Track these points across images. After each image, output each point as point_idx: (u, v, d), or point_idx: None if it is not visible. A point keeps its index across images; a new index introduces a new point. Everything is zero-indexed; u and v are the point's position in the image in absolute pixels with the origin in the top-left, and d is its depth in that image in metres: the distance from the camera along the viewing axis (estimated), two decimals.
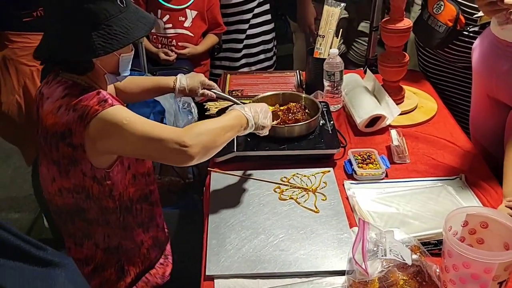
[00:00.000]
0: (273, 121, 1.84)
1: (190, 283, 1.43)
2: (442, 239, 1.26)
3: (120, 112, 1.34)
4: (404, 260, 1.19)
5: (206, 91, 1.86)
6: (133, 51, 1.48)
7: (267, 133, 1.63)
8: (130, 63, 1.49)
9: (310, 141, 1.83)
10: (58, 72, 1.42)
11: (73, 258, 1.52)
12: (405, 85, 2.23)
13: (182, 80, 1.83)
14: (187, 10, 2.68)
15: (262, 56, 3.03)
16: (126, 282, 1.55)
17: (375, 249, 1.23)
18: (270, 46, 3.05)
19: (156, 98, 2.17)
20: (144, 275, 1.60)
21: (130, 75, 1.53)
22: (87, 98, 1.34)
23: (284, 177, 1.73)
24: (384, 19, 2.03)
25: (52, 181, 1.43)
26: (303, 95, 2.00)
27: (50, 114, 1.36)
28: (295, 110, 1.90)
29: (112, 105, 1.34)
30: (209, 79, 1.91)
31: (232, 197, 1.65)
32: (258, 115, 1.56)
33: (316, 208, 1.59)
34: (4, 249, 0.71)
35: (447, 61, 2.24)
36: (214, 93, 1.86)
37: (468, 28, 2.07)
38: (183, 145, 1.34)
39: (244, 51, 2.97)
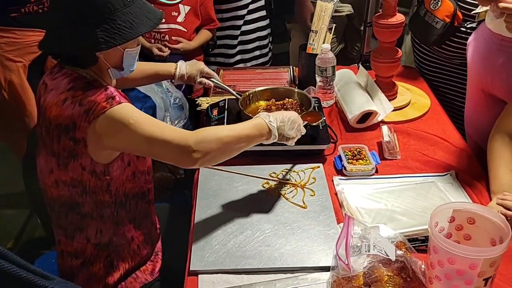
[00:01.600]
0: None
1: (178, 279, 1.42)
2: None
3: (127, 111, 1.33)
4: (388, 256, 1.18)
5: (204, 80, 1.87)
6: (139, 46, 1.47)
7: (293, 144, 1.57)
8: (136, 58, 1.48)
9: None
10: (63, 64, 1.42)
11: (62, 251, 1.52)
12: (399, 81, 2.21)
13: (182, 67, 1.86)
14: (180, 5, 2.66)
15: (257, 53, 3.01)
16: (115, 277, 1.53)
17: (359, 244, 1.21)
18: (265, 42, 3.03)
19: (147, 93, 2.16)
20: (134, 272, 1.58)
21: None
22: (94, 93, 1.33)
23: (273, 173, 1.71)
24: (376, 14, 2.01)
25: (49, 173, 1.42)
26: (296, 90, 1.99)
27: (54, 106, 1.35)
28: (289, 106, 1.88)
29: (119, 103, 1.33)
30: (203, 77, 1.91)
31: (219, 192, 1.63)
32: (285, 125, 1.50)
33: (304, 203, 1.57)
34: (4, 280, 0.66)
35: (443, 58, 2.22)
36: (212, 81, 1.85)
37: (466, 24, 2.06)
38: (188, 149, 1.33)
39: (239, 47, 2.95)
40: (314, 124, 1.70)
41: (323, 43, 2.16)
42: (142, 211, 1.55)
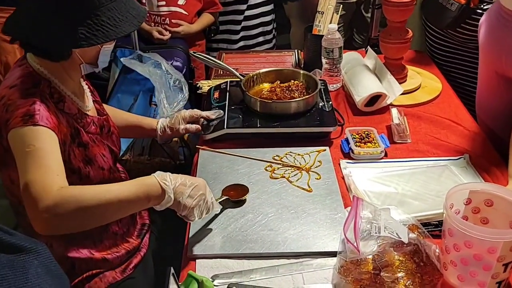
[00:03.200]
0: (269, 98, 1.74)
1: (173, 265, 1.32)
2: (443, 220, 1.16)
3: (32, 137, 1.16)
4: (400, 238, 1.09)
5: (189, 126, 1.70)
6: (114, 42, 1.35)
7: (193, 220, 1.27)
8: (109, 55, 1.38)
9: (306, 119, 1.72)
10: (28, 51, 1.30)
11: None
12: (409, 65, 2.12)
13: (164, 122, 1.70)
14: None
15: (261, 39, 2.93)
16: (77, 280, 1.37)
17: (368, 226, 1.12)
18: (269, 28, 2.94)
19: (146, 75, 2.08)
20: (98, 275, 1.40)
21: (122, 52, 1.40)
22: (23, 103, 1.20)
23: (277, 156, 1.62)
24: None
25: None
26: (302, 71, 1.91)
27: None
28: (293, 88, 1.80)
29: (34, 124, 1.17)
30: None
31: (220, 175, 1.55)
32: (185, 189, 1.23)
33: (309, 187, 1.49)
34: None
35: (457, 42, 2.13)
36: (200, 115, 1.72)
37: (482, 6, 1.96)
38: (39, 197, 1.10)
39: (242, 33, 2.87)
40: (235, 200, 1.43)
41: (330, 23, 2.07)
42: (97, 228, 1.30)
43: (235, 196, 1.43)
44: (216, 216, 1.38)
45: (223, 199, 1.40)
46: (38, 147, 1.16)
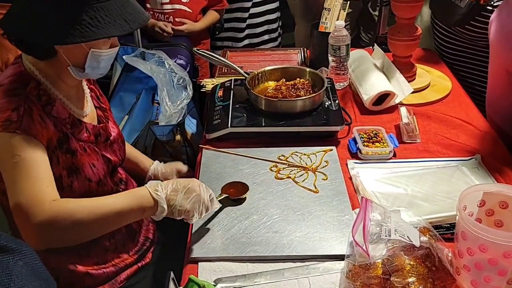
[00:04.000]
0: (274, 96, 1.70)
1: (173, 268, 1.28)
2: (455, 223, 1.11)
3: (14, 146, 1.13)
4: (411, 241, 1.04)
5: None
6: (114, 49, 1.28)
7: (193, 221, 1.24)
8: (106, 62, 1.28)
9: (312, 118, 1.68)
10: (21, 50, 1.26)
11: None
12: (417, 63, 2.07)
13: (158, 166, 1.67)
14: None
15: (266, 37, 2.89)
16: None
17: (378, 229, 1.08)
18: (274, 26, 2.90)
19: (149, 74, 2.04)
20: None
21: (124, 49, 1.33)
22: (6, 106, 1.15)
23: (282, 155, 1.58)
24: None
25: None
26: (308, 69, 1.86)
27: None
28: (299, 87, 1.75)
29: (15, 131, 1.13)
30: None
31: (223, 175, 1.50)
32: (177, 195, 1.20)
33: (316, 188, 1.44)
34: None
35: (466, 40, 2.08)
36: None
37: (493, 3, 1.91)
38: (31, 212, 1.08)
39: (247, 31, 2.83)
40: (235, 198, 1.39)
41: (337, 20, 2.02)
42: (85, 243, 1.25)
43: (234, 194, 1.40)
44: (216, 213, 1.34)
45: (222, 197, 1.36)
46: (24, 157, 1.13)
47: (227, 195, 1.38)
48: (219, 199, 1.33)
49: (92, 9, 1.15)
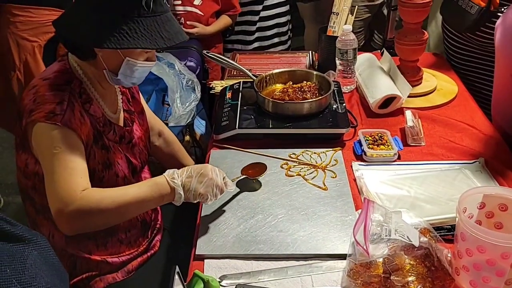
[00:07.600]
0: (281, 99, 1.73)
1: (181, 264, 1.32)
2: (455, 224, 1.13)
3: (56, 138, 1.23)
4: (411, 241, 1.07)
5: None
6: (150, 63, 1.36)
7: (209, 203, 1.34)
8: (140, 73, 1.36)
9: (318, 120, 1.71)
10: (67, 49, 1.36)
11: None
12: (425, 68, 2.09)
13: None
14: None
15: (276, 40, 2.91)
16: (76, 278, 1.40)
17: (379, 229, 1.11)
18: (284, 29, 2.92)
19: (159, 75, 2.07)
20: (99, 276, 1.42)
21: None
22: (52, 98, 1.26)
23: (293, 154, 1.61)
24: None
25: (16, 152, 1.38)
26: (315, 72, 1.89)
27: (27, 86, 1.31)
28: (306, 89, 1.79)
29: (58, 124, 1.22)
30: None
31: (231, 175, 1.53)
32: (191, 180, 1.28)
33: (325, 185, 1.48)
34: None
35: (476, 46, 2.10)
36: None
37: (503, 9, 1.92)
38: (65, 201, 1.19)
39: (257, 34, 2.85)
40: (254, 178, 1.49)
41: (345, 24, 2.05)
42: (103, 232, 1.39)
43: (253, 174, 1.48)
44: (233, 197, 1.42)
45: (241, 177, 1.45)
46: (64, 150, 1.23)
47: (246, 175, 1.46)
48: (237, 180, 1.43)
49: (133, 22, 1.23)
